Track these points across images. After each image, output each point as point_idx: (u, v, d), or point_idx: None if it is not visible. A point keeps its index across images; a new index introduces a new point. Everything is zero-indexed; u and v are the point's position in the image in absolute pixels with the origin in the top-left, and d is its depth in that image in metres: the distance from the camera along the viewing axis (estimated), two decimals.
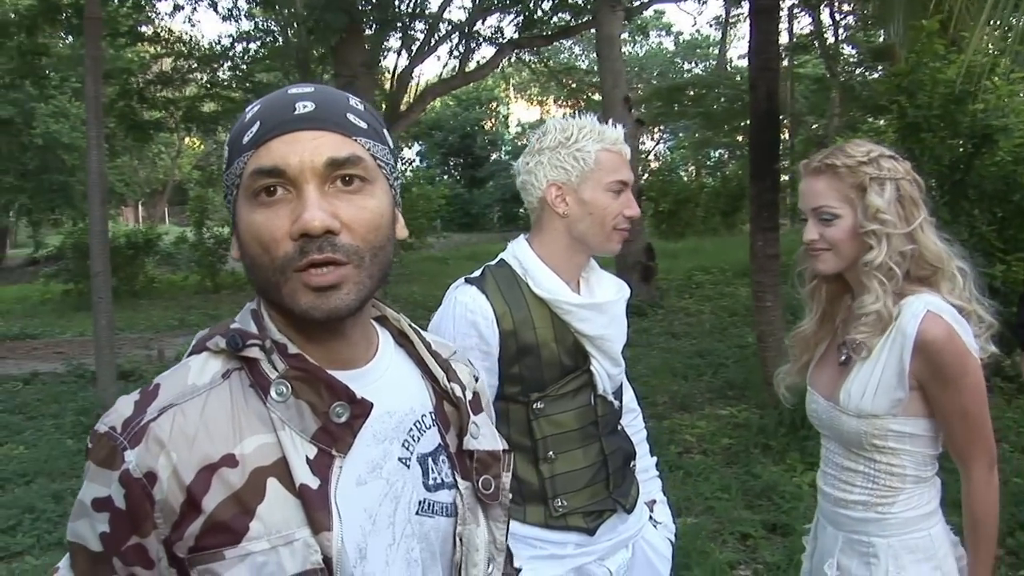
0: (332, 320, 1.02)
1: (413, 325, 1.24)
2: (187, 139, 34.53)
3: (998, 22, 4.70)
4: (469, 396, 1.23)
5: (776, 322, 6.22)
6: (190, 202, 21.77)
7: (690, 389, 7.50)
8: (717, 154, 31.88)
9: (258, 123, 1.04)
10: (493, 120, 38.58)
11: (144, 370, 8.78)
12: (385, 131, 1.12)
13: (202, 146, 36.93)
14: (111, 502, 0.99)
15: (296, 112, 1.03)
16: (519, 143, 37.54)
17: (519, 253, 2.09)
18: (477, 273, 2.09)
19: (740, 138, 26.64)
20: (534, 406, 2.03)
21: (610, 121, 2.09)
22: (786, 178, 13.44)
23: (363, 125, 1.07)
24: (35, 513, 5.01)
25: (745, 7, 22.10)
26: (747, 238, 6.92)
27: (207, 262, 18.29)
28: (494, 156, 37.39)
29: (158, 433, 0.99)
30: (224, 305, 14.85)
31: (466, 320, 1.97)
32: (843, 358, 1.96)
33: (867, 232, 1.88)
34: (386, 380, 1.14)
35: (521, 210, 32.70)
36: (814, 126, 24.47)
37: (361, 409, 1.05)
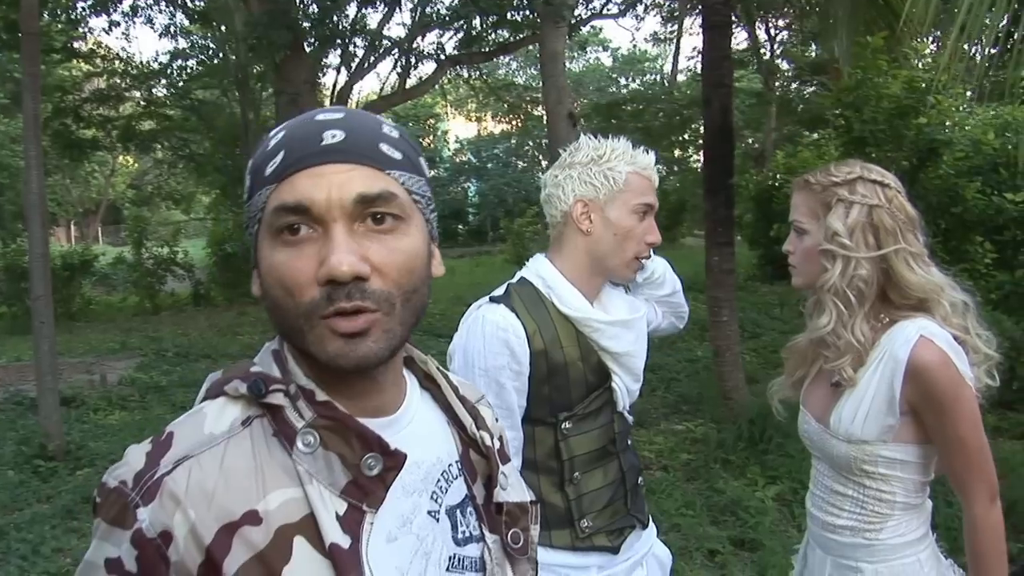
0: (361, 369, 0.95)
1: (440, 368, 1.17)
2: (121, 157, 33.88)
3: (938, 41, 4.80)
4: (497, 444, 1.17)
5: (732, 337, 6.26)
6: (128, 222, 21.29)
7: (644, 404, 7.46)
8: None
9: (282, 153, 0.95)
10: (431, 137, 38.46)
11: (87, 395, 8.51)
12: (421, 159, 1.03)
13: (136, 164, 36.24)
14: (121, 564, 0.91)
15: (324, 143, 0.94)
16: (457, 160, 37.55)
17: (542, 271, 2.07)
18: (500, 291, 2.05)
19: (678, 153, 26.95)
20: (562, 426, 2.02)
21: (642, 148, 2.09)
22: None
23: (397, 156, 0.98)
24: None
25: (687, 22, 22.48)
26: (688, 252, 6.97)
27: (146, 283, 17.85)
28: (432, 173, 37.20)
29: (173, 488, 0.91)
30: (164, 327, 14.49)
31: (498, 339, 1.93)
32: (835, 380, 1.93)
33: (824, 252, 1.89)
34: (414, 428, 1.07)
35: (460, 227, 32.67)
36: (750, 140, 24.91)
37: (394, 461, 0.98)
